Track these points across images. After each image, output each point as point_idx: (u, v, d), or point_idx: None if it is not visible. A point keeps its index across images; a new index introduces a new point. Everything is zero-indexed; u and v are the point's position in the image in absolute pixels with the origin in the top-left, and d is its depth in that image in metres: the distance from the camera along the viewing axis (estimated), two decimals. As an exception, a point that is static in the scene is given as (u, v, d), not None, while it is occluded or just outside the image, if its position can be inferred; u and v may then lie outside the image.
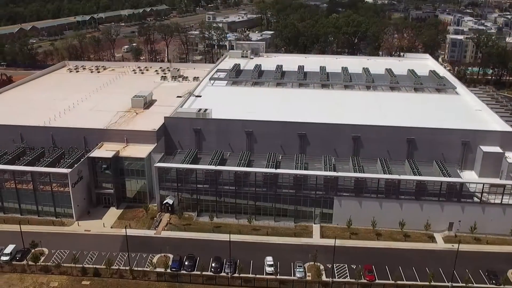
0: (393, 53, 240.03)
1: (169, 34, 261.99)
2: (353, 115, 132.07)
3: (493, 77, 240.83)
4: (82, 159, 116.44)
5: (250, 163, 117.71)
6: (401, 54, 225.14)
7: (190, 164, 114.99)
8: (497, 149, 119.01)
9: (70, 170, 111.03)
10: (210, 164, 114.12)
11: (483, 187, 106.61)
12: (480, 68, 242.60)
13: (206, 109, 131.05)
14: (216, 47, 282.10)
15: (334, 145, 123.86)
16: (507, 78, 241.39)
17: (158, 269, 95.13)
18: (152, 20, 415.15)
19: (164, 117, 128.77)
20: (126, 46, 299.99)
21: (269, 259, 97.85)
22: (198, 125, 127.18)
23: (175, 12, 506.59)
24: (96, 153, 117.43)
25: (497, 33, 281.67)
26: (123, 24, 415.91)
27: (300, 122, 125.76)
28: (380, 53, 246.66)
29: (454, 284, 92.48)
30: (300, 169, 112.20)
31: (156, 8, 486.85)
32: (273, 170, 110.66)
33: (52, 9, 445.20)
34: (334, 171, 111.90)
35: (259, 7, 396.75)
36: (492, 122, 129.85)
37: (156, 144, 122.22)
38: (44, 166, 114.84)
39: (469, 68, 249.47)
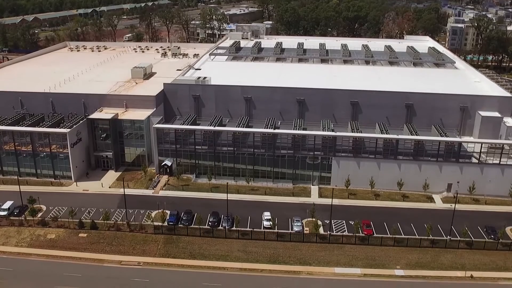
0: (393, 37, 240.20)
1: (170, 20, 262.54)
2: (352, 83, 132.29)
3: (493, 63, 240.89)
4: (81, 121, 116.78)
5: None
6: (401, 37, 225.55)
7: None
8: (496, 114, 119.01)
9: (69, 130, 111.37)
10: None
11: (481, 147, 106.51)
12: (481, 55, 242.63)
13: (205, 77, 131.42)
14: (217, 36, 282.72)
15: (332, 110, 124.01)
16: (508, 64, 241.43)
17: (155, 223, 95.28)
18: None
19: (164, 83, 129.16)
20: (127, 35, 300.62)
21: (266, 214, 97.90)
22: (197, 91, 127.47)
23: (177, 7, 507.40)
24: (95, 115, 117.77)
25: (498, 21, 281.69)
26: (125, 17, 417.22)
27: (299, 87, 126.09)
28: (381, 37, 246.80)
29: (452, 238, 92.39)
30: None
31: (158, 2, 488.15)
32: (271, 131, 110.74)
33: (54, 2, 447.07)
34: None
35: (260, 0, 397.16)
36: (491, 91, 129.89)
37: (155, 109, 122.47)
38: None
39: (470, 55, 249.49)
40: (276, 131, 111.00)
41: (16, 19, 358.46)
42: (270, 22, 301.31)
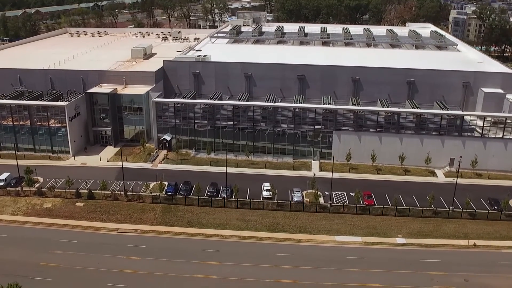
0: (395, 25, 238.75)
1: (171, 8, 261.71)
2: (353, 61, 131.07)
3: (496, 54, 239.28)
4: (80, 95, 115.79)
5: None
6: (404, 25, 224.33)
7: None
8: (499, 90, 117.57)
9: (67, 103, 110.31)
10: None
11: (484, 120, 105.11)
12: (483, 46, 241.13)
13: (205, 55, 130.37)
14: (218, 27, 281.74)
15: (333, 88, 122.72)
16: (510, 54, 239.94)
17: (153, 194, 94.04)
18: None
19: (163, 60, 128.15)
20: (129, 27, 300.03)
21: (266, 185, 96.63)
22: (197, 68, 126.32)
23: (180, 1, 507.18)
24: (94, 89, 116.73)
25: (501, 13, 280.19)
26: (126, 11, 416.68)
27: (300, 64, 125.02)
28: (382, 26, 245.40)
29: (455, 209, 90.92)
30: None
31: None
32: (272, 104, 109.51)
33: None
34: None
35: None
36: (494, 69, 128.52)
37: (154, 85, 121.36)
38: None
39: (472, 46, 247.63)
40: (277, 104, 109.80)
41: (18, 12, 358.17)
42: (271, 14, 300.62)
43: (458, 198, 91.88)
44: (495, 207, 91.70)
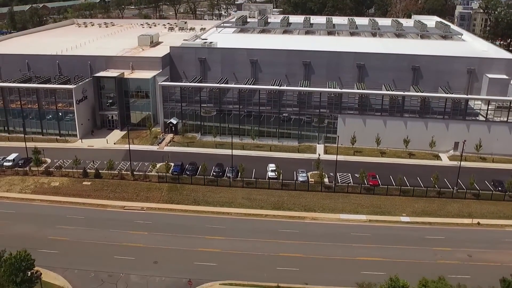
0: (401, 18, 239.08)
1: (177, 2, 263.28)
2: (358, 48, 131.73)
3: (502, 48, 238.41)
4: (87, 79, 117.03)
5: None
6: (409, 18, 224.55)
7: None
8: (503, 76, 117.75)
9: (75, 86, 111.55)
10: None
11: (488, 104, 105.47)
12: (489, 40, 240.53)
13: (211, 41, 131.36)
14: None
15: (338, 73, 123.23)
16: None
17: (160, 174, 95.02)
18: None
19: (170, 46, 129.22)
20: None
21: (271, 165, 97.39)
22: (203, 54, 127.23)
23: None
24: (101, 73, 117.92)
25: (507, 6, 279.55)
26: (132, 7, 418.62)
27: (305, 50, 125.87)
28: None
29: (459, 190, 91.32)
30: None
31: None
32: (277, 87, 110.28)
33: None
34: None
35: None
36: (499, 55, 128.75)
37: (161, 70, 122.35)
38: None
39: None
40: (282, 87, 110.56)
41: (25, 7, 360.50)
42: (277, 9, 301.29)
43: (463, 181, 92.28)
44: (500, 188, 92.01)
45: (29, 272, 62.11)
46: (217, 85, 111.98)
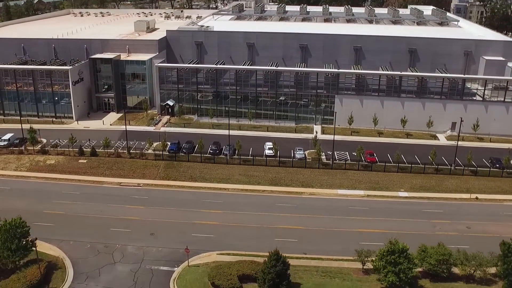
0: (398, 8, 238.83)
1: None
2: (355, 32, 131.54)
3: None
4: (83, 62, 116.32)
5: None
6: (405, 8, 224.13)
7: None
8: (500, 58, 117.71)
9: (71, 67, 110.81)
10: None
11: (485, 83, 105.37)
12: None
13: (208, 26, 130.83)
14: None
15: (335, 56, 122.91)
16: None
17: (156, 152, 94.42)
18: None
19: (166, 30, 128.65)
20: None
21: (268, 144, 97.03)
22: (200, 38, 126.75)
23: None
24: (98, 55, 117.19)
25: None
26: (128, 2, 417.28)
27: (302, 33, 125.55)
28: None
29: (457, 167, 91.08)
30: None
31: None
32: (274, 68, 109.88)
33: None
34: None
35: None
36: (495, 37, 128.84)
37: (158, 53, 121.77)
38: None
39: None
40: (279, 68, 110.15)
41: (20, 2, 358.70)
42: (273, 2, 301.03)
43: (460, 159, 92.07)
44: (497, 165, 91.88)
45: (24, 240, 61.69)
46: (214, 66, 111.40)
